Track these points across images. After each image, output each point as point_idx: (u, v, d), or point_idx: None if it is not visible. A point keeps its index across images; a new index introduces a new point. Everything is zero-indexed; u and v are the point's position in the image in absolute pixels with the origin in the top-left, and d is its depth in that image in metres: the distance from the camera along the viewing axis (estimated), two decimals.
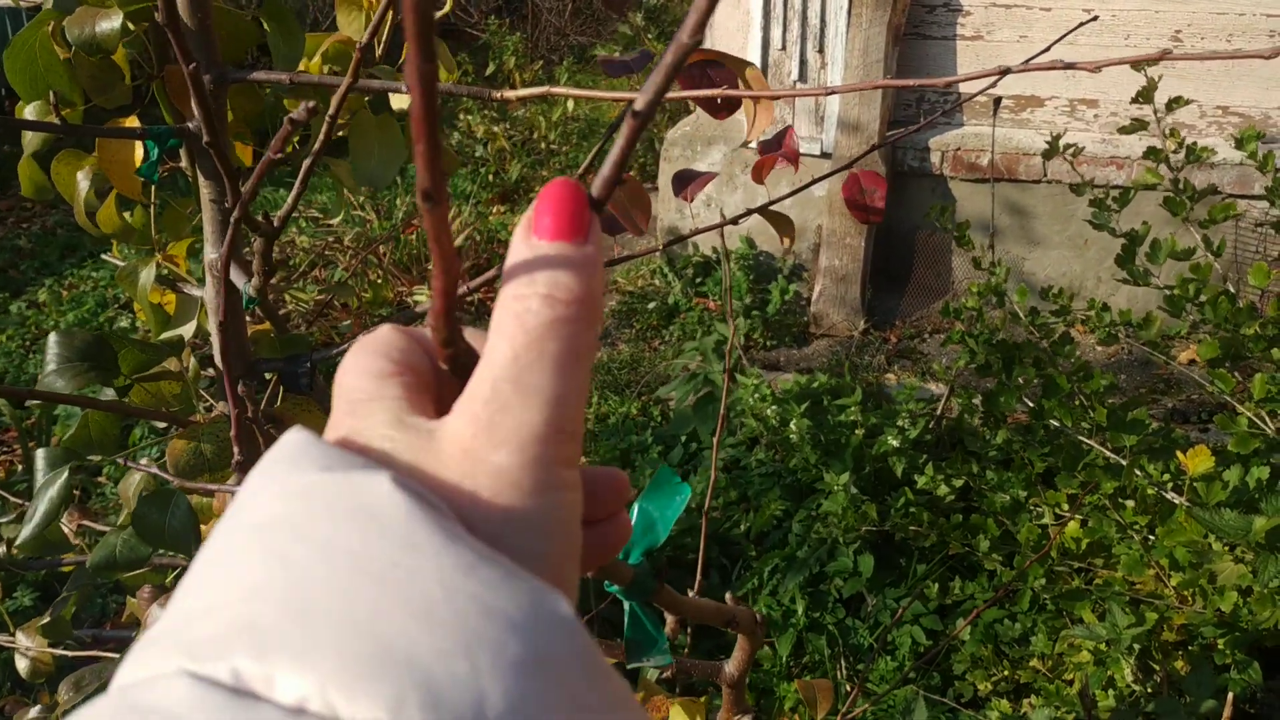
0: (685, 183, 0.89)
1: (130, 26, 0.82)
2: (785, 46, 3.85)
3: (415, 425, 0.27)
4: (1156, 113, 2.03)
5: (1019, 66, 0.66)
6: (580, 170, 0.94)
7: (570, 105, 5.75)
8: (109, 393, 0.91)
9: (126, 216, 0.98)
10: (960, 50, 3.80)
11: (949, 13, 3.77)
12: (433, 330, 0.29)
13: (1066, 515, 2.16)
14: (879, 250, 4.01)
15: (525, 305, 0.26)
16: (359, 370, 0.29)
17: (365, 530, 0.23)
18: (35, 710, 1.07)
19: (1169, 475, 1.95)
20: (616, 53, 6.82)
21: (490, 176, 5.28)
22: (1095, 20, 1.07)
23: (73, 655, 1.07)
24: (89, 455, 0.88)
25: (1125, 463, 1.87)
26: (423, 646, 0.21)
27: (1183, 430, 2.96)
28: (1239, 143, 2.04)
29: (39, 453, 0.85)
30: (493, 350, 0.27)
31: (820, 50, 3.80)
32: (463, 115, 5.53)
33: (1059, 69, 0.63)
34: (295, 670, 0.20)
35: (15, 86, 0.85)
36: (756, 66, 0.79)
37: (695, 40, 0.25)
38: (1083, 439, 2.00)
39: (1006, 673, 2.20)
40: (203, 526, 0.86)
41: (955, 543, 2.27)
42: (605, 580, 0.79)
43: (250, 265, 0.86)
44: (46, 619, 1.07)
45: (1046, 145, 2.23)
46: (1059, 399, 2.00)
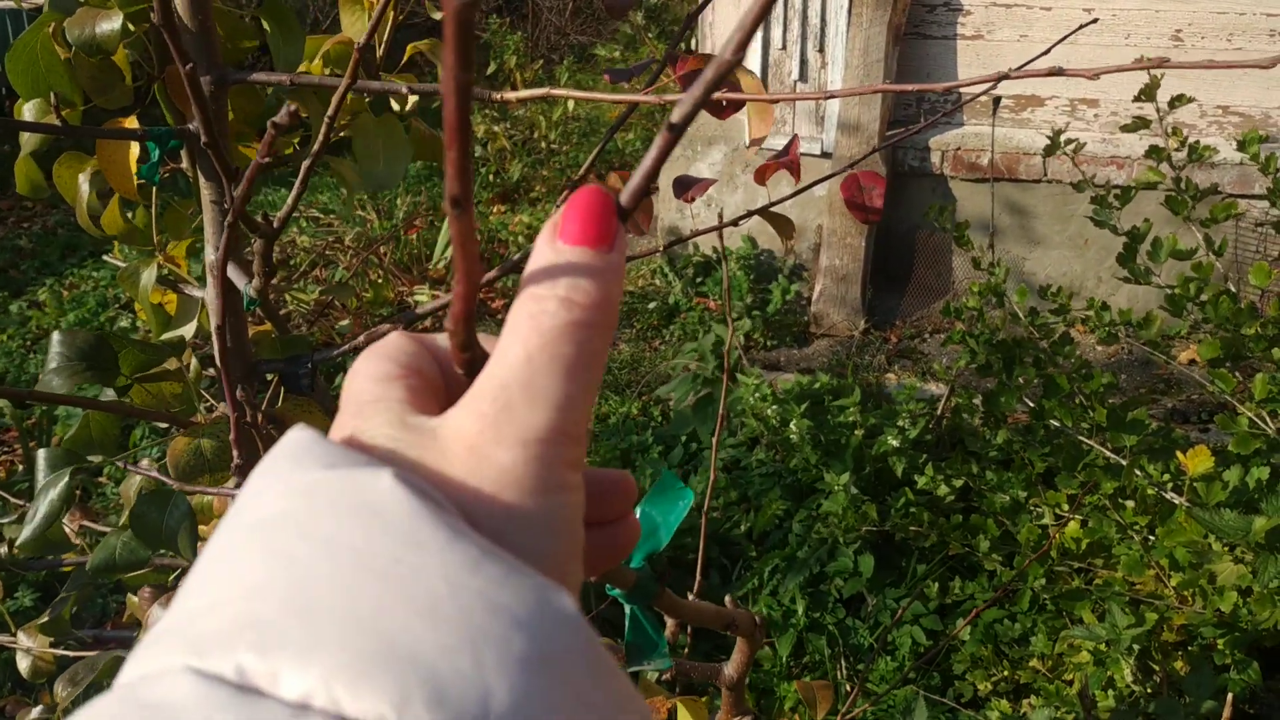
0: (686, 187, 0.89)
1: (131, 27, 0.82)
2: (786, 46, 3.85)
3: (418, 424, 0.27)
4: (1159, 111, 2.03)
5: (1015, 73, 0.66)
6: (582, 171, 0.95)
7: (570, 105, 5.75)
8: (110, 393, 0.91)
9: (130, 218, 0.98)
10: (960, 50, 3.80)
11: (949, 12, 3.76)
12: (450, 334, 0.29)
13: (1066, 515, 2.16)
14: (879, 250, 4.01)
15: (542, 307, 0.26)
16: (365, 375, 0.29)
17: (368, 527, 0.23)
18: (37, 710, 1.07)
19: (1169, 475, 1.95)
20: (617, 52, 6.82)
21: (491, 176, 5.28)
22: (1095, 22, 1.07)
23: (74, 655, 1.07)
24: (90, 455, 0.88)
25: (1125, 463, 1.87)
26: (427, 643, 0.21)
27: (1183, 430, 2.96)
28: (1241, 144, 2.04)
29: (40, 453, 0.85)
30: (505, 350, 0.27)
31: (821, 50, 3.80)
32: None
33: (1055, 75, 0.63)
34: (299, 666, 0.20)
35: (17, 88, 0.85)
36: (755, 76, 0.79)
37: (737, 58, 0.25)
38: (1083, 439, 2.01)
39: (1006, 673, 2.20)
40: (203, 527, 0.86)
41: (955, 543, 2.27)
42: (607, 584, 0.79)
43: (251, 266, 0.87)
44: (46, 618, 1.07)
45: (1048, 142, 2.23)
46: (1059, 399, 2.01)
